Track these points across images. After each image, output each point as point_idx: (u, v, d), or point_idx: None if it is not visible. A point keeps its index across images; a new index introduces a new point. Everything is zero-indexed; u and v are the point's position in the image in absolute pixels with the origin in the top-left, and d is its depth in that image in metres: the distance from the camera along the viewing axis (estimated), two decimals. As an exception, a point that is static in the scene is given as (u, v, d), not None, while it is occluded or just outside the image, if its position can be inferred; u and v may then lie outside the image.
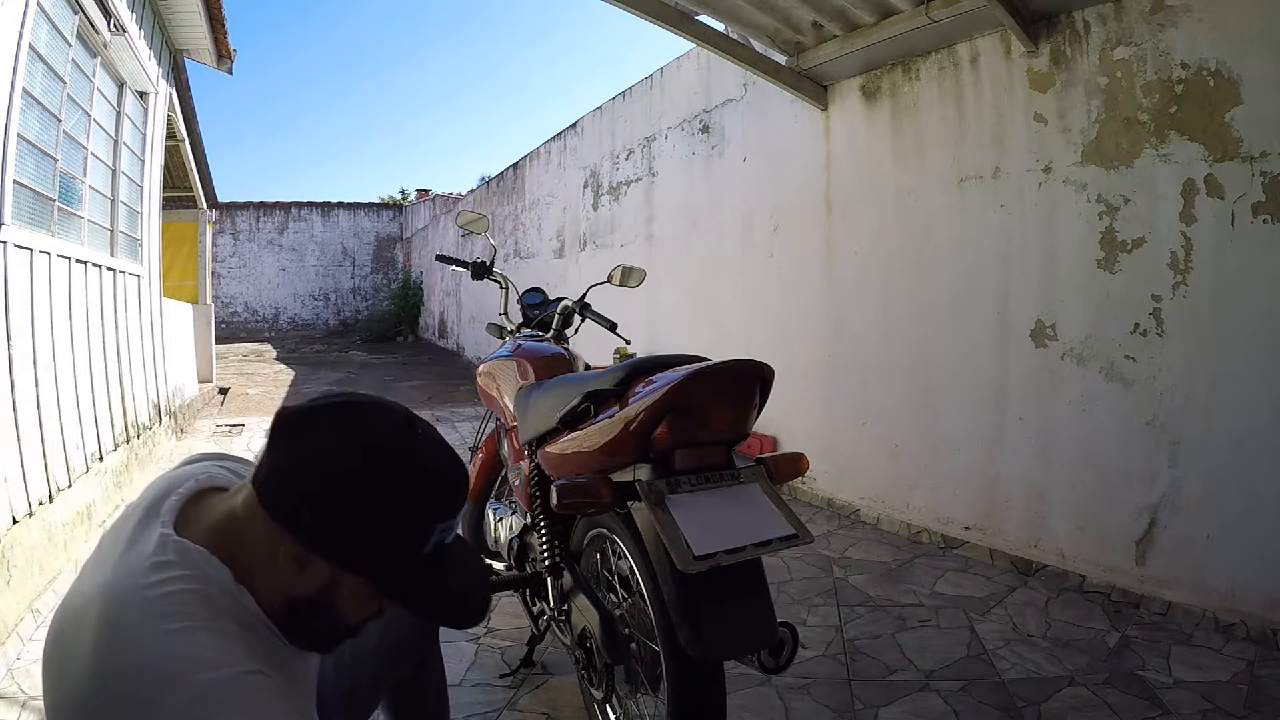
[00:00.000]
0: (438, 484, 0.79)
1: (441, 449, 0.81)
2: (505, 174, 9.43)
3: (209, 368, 7.85)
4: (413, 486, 0.76)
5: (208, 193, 7.86)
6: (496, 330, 2.59)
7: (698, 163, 4.91)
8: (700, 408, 1.34)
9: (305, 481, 0.74)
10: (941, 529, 3.23)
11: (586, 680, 1.65)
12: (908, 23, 3.05)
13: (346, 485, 0.74)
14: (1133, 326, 2.57)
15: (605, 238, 6.30)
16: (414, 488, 0.76)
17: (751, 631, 1.30)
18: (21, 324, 2.65)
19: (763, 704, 1.98)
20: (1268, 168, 2.23)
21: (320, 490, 0.74)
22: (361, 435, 0.76)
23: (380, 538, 0.75)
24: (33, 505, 2.59)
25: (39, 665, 2.04)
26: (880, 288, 3.54)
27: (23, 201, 2.79)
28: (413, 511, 0.76)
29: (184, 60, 5.65)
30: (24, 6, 2.61)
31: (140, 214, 4.76)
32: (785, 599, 2.65)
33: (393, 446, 0.76)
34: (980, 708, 1.94)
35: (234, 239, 18.18)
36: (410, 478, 0.76)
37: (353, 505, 0.74)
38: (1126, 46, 2.56)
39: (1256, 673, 2.07)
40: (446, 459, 0.80)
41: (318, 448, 0.75)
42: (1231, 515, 2.33)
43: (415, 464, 0.77)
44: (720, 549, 1.24)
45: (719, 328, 4.63)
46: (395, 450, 0.76)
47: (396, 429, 0.78)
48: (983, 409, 3.08)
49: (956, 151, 3.17)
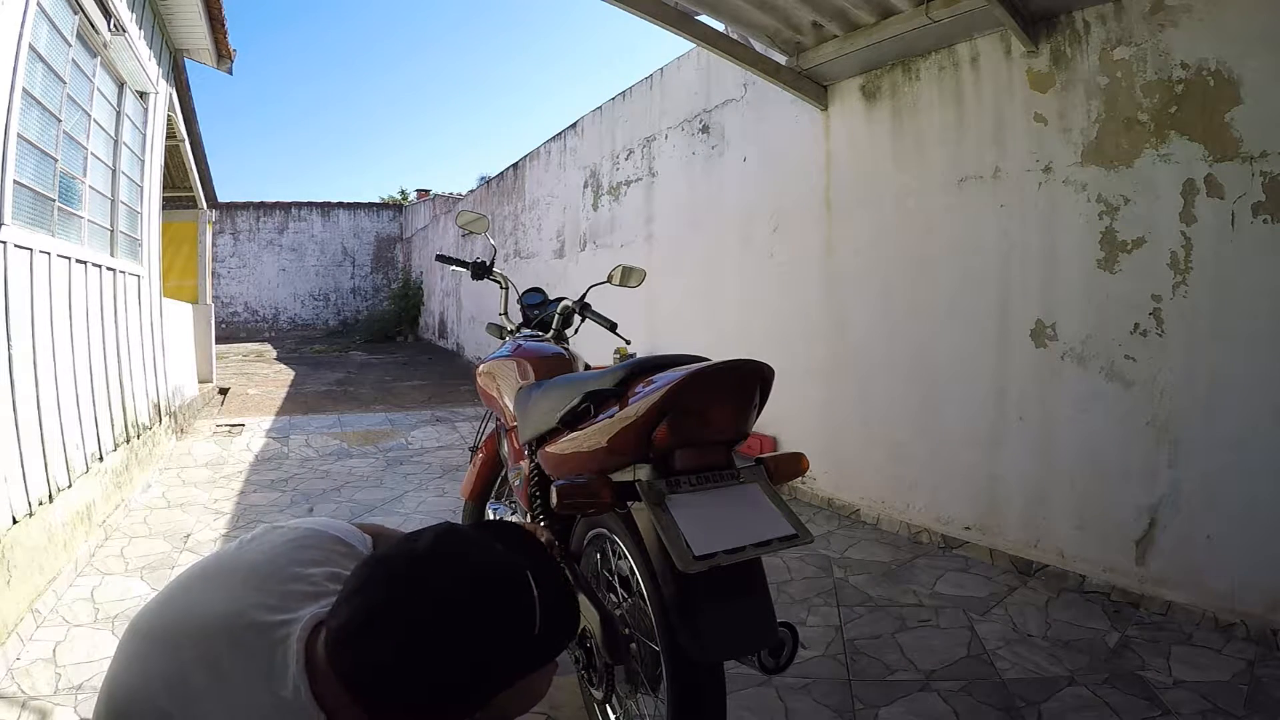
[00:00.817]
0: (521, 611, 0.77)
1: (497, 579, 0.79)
2: (505, 174, 9.43)
3: (209, 368, 7.85)
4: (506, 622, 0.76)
5: (208, 193, 7.86)
6: (496, 330, 2.59)
7: (698, 163, 4.91)
8: (700, 408, 1.34)
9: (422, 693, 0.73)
10: (941, 529, 3.23)
11: (586, 680, 1.65)
12: (908, 23, 3.05)
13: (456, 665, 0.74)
14: (1133, 326, 2.57)
15: (605, 238, 6.30)
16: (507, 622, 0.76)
17: (751, 631, 1.30)
18: (21, 324, 2.65)
19: (763, 704, 1.98)
20: (1268, 168, 2.23)
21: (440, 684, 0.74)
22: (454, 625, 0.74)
23: (507, 667, 0.78)
24: (33, 505, 2.59)
25: (39, 665, 2.04)
26: (880, 288, 3.54)
27: (23, 201, 2.79)
28: (515, 634, 0.77)
29: (184, 60, 5.65)
30: (24, 6, 2.61)
31: (140, 214, 4.76)
32: (785, 599, 2.65)
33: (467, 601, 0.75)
34: (980, 708, 1.95)
35: (234, 239, 18.18)
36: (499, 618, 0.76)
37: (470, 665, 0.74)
38: (1126, 46, 2.56)
39: (1256, 673, 2.07)
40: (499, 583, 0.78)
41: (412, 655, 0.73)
42: (1231, 515, 2.33)
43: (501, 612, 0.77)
44: (720, 549, 1.24)
45: (719, 328, 4.63)
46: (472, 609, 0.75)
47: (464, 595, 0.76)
48: (983, 409, 3.08)
49: (956, 151, 3.17)
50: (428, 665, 0.72)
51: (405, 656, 0.72)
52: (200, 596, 0.85)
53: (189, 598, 0.85)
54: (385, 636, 0.72)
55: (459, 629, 0.73)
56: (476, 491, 2.40)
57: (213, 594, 0.84)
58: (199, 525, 3.53)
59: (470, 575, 0.77)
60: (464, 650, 0.74)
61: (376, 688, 0.73)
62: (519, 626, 0.77)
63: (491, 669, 0.76)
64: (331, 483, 4.35)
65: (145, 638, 0.82)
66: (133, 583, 2.80)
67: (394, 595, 0.74)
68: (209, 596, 0.84)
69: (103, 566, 2.96)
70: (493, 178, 10.21)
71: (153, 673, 0.78)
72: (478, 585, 0.76)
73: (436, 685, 0.73)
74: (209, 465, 4.77)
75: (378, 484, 4.33)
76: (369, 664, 0.73)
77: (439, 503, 3.96)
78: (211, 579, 0.87)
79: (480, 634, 0.74)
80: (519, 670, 0.80)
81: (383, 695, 0.73)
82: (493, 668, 0.76)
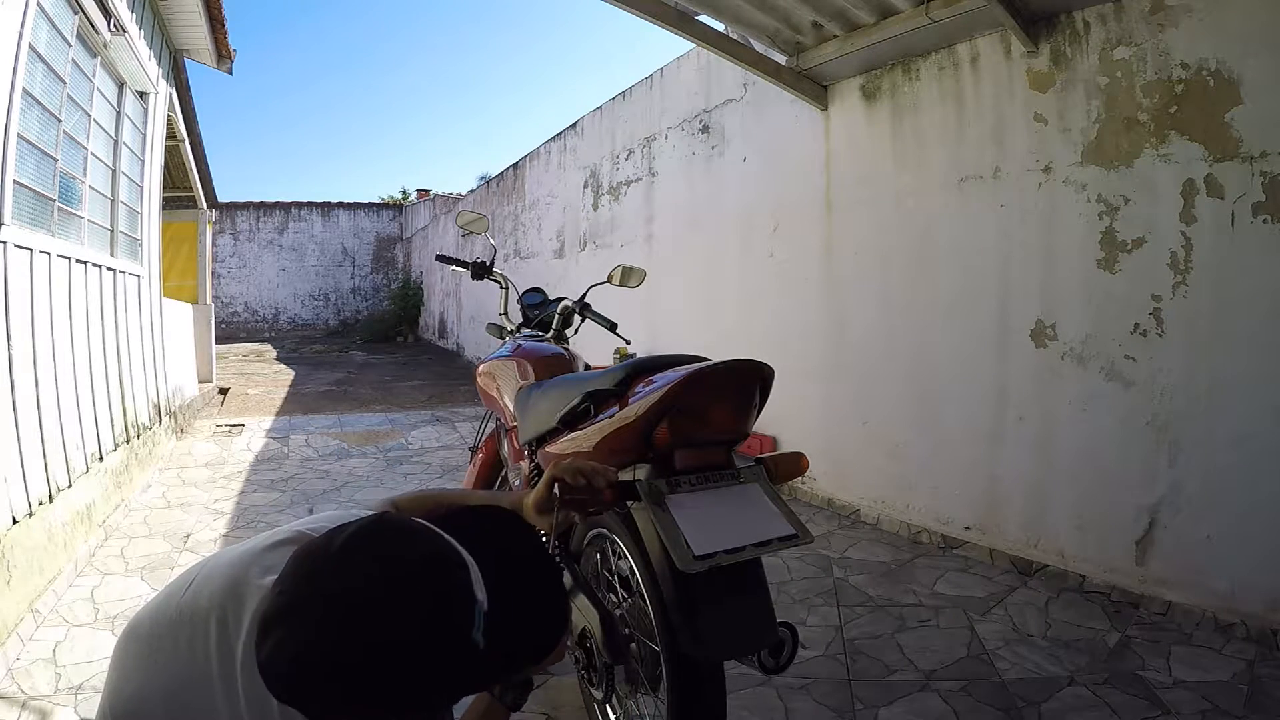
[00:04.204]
0: (443, 618, 0.69)
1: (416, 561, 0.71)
2: (505, 174, 9.43)
3: (209, 368, 7.85)
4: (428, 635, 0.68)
5: (208, 193, 7.86)
6: (496, 330, 2.59)
7: (698, 163, 4.91)
8: (700, 408, 1.34)
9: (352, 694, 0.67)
10: (941, 529, 3.22)
11: (586, 680, 1.65)
12: (908, 23, 3.05)
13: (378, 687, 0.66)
14: (1133, 326, 2.57)
15: (605, 238, 6.30)
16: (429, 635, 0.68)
17: (751, 631, 1.30)
18: (21, 324, 2.65)
19: (763, 704, 1.98)
20: (1268, 168, 2.23)
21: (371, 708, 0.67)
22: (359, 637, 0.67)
23: (442, 685, 0.71)
24: (33, 505, 2.59)
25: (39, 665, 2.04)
26: (880, 287, 3.54)
27: (23, 201, 2.79)
28: (446, 648, 0.69)
29: (184, 60, 5.65)
30: (24, 6, 2.61)
31: (140, 214, 4.76)
32: (785, 599, 2.65)
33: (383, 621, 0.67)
34: (980, 708, 1.94)
35: (234, 239, 18.18)
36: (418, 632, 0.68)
37: (402, 690, 0.67)
38: (1126, 46, 2.56)
39: (1256, 673, 2.07)
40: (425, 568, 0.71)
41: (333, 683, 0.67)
42: (1231, 515, 2.33)
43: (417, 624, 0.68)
44: (720, 549, 1.24)
45: (719, 328, 4.62)
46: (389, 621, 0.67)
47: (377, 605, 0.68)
48: (983, 409, 3.08)
49: (956, 151, 3.17)
50: (331, 671, 0.66)
51: (306, 659, 0.66)
52: (195, 588, 0.84)
53: (183, 594, 0.85)
54: (289, 634, 0.67)
55: (368, 634, 0.66)
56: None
57: (202, 586, 0.84)
58: (199, 525, 3.53)
59: (388, 575, 0.69)
60: (375, 659, 0.66)
61: (279, 686, 0.68)
62: (448, 635, 0.69)
63: (416, 681, 0.67)
64: (331, 483, 4.35)
65: (140, 639, 0.82)
66: (133, 583, 2.80)
67: (301, 592, 0.68)
68: (200, 588, 0.84)
69: (103, 566, 2.96)
70: (493, 178, 10.21)
71: (149, 675, 0.77)
72: (395, 586, 0.68)
73: (346, 694, 0.66)
74: (209, 465, 4.77)
75: (378, 484, 4.33)
76: (273, 660, 0.67)
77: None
78: (205, 575, 0.87)
79: (396, 641, 0.66)
80: (457, 684, 0.72)
81: (286, 696, 0.68)
82: (418, 679, 0.68)
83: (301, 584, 0.69)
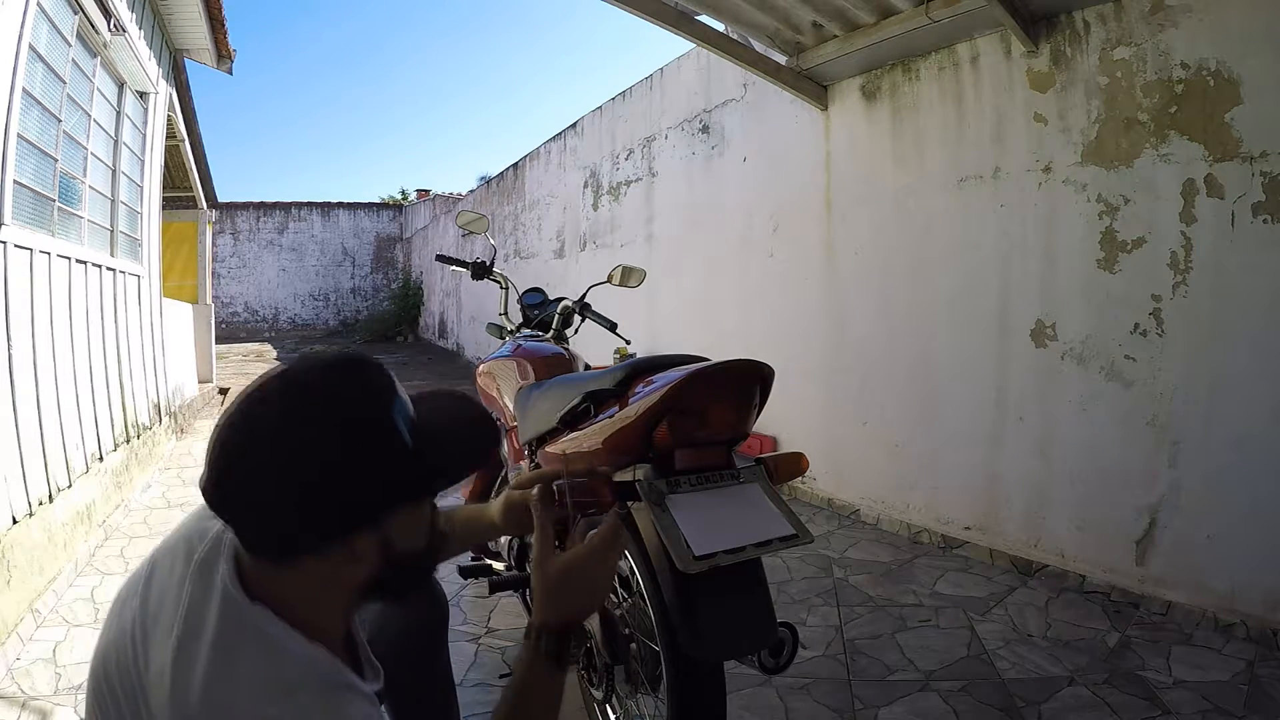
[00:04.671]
0: (356, 401, 0.72)
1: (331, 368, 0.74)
2: (505, 174, 9.43)
3: (209, 368, 7.85)
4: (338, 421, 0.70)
5: (208, 193, 7.86)
6: (496, 330, 2.59)
7: (698, 163, 4.91)
8: (700, 408, 1.34)
9: (268, 513, 0.69)
10: (941, 529, 3.22)
11: (586, 680, 1.65)
12: (908, 23, 3.05)
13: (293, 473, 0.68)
14: (1133, 326, 2.57)
15: (605, 238, 6.30)
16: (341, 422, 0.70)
17: (751, 631, 1.30)
18: (21, 324, 2.65)
19: (763, 704, 1.98)
20: (1268, 168, 2.23)
21: (284, 502, 0.68)
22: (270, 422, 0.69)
23: (365, 480, 0.70)
24: (33, 505, 2.59)
25: (39, 665, 2.03)
26: (880, 288, 3.54)
27: (23, 201, 2.79)
28: (362, 436, 0.70)
29: (184, 60, 5.65)
30: (24, 6, 2.61)
31: (140, 214, 4.76)
32: (785, 599, 2.65)
33: (296, 407, 0.70)
34: (980, 708, 1.94)
35: (234, 239, 18.18)
36: (327, 416, 0.70)
37: (319, 483, 0.69)
38: (1126, 46, 2.56)
39: (1256, 673, 2.07)
40: (340, 370, 0.74)
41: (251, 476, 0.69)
42: (1231, 515, 2.33)
43: (321, 404, 0.71)
44: (720, 549, 1.24)
45: (719, 328, 4.62)
46: (299, 408, 0.70)
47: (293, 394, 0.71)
48: (983, 409, 3.08)
49: (956, 151, 3.17)
50: (257, 466, 0.68)
51: (235, 457, 0.68)
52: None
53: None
54: (222, 444, 0.69)
55: (292, 425, 0.68)
56: (477, 491, 2.40)
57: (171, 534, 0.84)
58: (199, 525, 3.52)
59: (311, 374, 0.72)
60: (300, 447, 0.68)
61: (214, 496, 0.69)
62: (371, 423, 0.71)
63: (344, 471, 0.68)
64: (331, 483, 4.34)
65: (121, 600, 0.82)
66: (133, 583, 2.80)
67: (237, 406, 0.71)
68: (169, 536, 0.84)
69: (103, 566, 2.95)
70: (493, 178, 10.21)
71: (123, 617, 0.77)
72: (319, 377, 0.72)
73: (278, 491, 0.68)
74: (209, 465, 4.76)
75: (378, 484, 4.33)
76: (210, 471, 0.69)
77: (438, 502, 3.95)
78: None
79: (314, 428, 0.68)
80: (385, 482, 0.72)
81: (219, 506, 0.70)
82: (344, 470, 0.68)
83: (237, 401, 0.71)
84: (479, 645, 2.33)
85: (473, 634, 2.39)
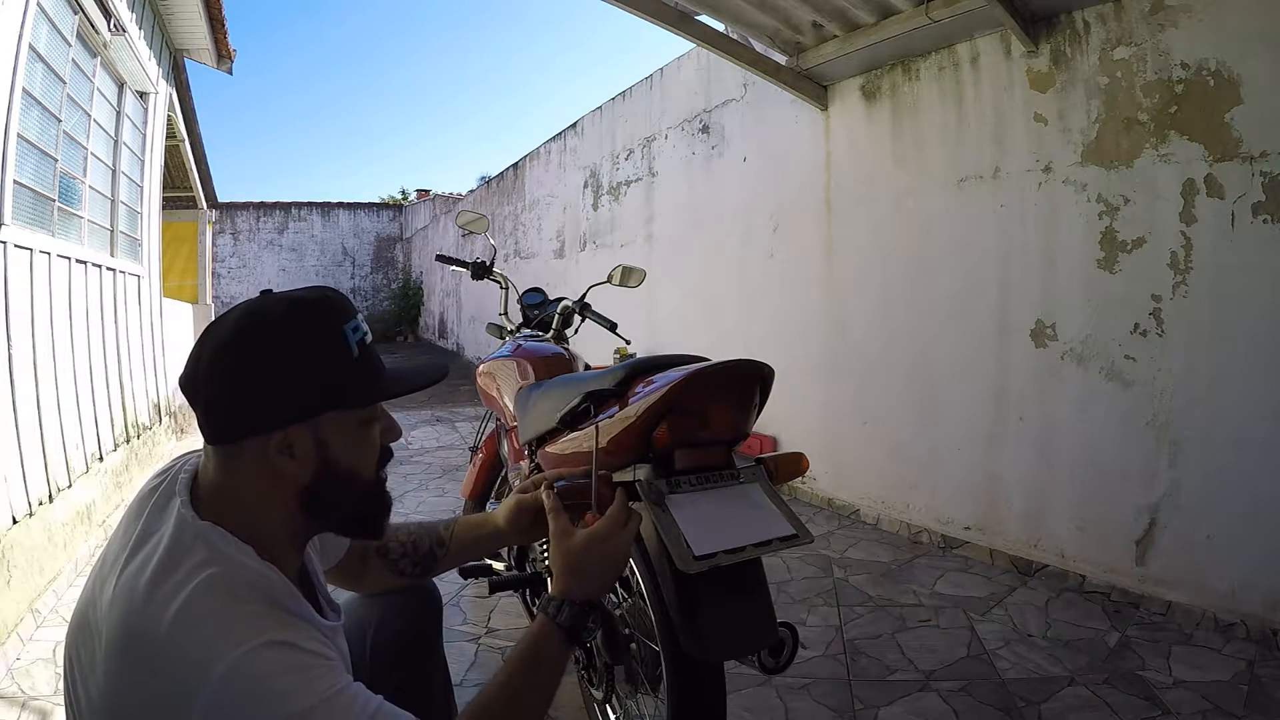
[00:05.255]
0: (312, 302, 0.81)
1: (304, 290, 0.83)
2: (505, 174, 9.43)
3: (209, 368, 7.83)
4: (293, 317, 0.79)
5: (208, 193, 7.86)
6: (496, 330, 2.59)
7: (698, 163, 4.91)
8: (700, 408, 1.34)
9: (234, 385, 0.77)
10: (941, 529, 3.22)
11: (586, 680, 1.65)
12: (908, 23, 3.05)
13: (258, 358, 0.77)
14: (1133, 326, 2.57)
15: (605, 238, 6.30)
16: (295, 317, 0.79)
17: (751, 631, 1.30)
18: (21, 324, 2.65)
19: (763, 704, 1.98)
20: (1268, 168, 2.23)
21: (248, 380, 0.76)
22: (237, 323, 0.79)
23: (313, 370, 0.78)
24: (33, 505, 2.59)
25: (39, 665, 2.03)
26: (880, 288, 3.54)
27: (23, 201, 2.79)
28: (311, 332, 0.79)
29: (184, 60, 5.65)
30: (24, 6, 2.61)
31: (140, 214, 4.76)
32: (785, 599, 2.65)
33: (259, 305, 0.80)
34: (980, 708, 1.94)
35: (234, 239, 18.16)
36: (285, 312, 0.79)
37: (277, 365, 0.77)
38: (1126, 46, 2.56)
39: (1256, 673, 2.07)
40: (310, 290, 0.83)
41: (220, 356, 0.77)
42: (1231, 515, 2.33)
43: (283, 302, 0.80)
44: (720, 549, 1.24)
45: (719, 328, 4.62)
46: (261, 306, 0.80)
47: (259, 300, 0.81)
48: (983, 409, 3.08)
49: (956, 151, 3.17)
50: (215, 357, 0.77)
51: (203, 353, 0.78)
52: None
53: None
54: (198, 341, 0.80)
55: (261, 326, 0.78)
56: (477, 491, 2.40)
57: None
58: (199, 525, 3.52)
59: (291, 291, 0.82)
60: (254, 349, 0.77)
61: (185, 382, 0.79)
62: (326, 337, 0.79)
63: (295, 367, 0.77)
64: (331, 483, 4.34)
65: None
66: (133, 583, 2.80)
67: (219, 316, 0.82)
68: None
69: (103, 566, 2.95)
70: (493, 178, 10.21)
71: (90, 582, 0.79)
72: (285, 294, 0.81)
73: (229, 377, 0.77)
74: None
75: (378, 484, 4.32)
76: (185, 364, 0.80)
77: (439, 502, 3.96)
78: None
79: (275, 332, 0.77)
80: (318, 384, 0.79)
81: (188, 392, 0.78)
82: (295, 367, 0.77)
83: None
84: (479, 645, 2.33)
85: (473, 634, 2.39)
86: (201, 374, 0.77)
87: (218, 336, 0.78)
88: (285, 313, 0.79)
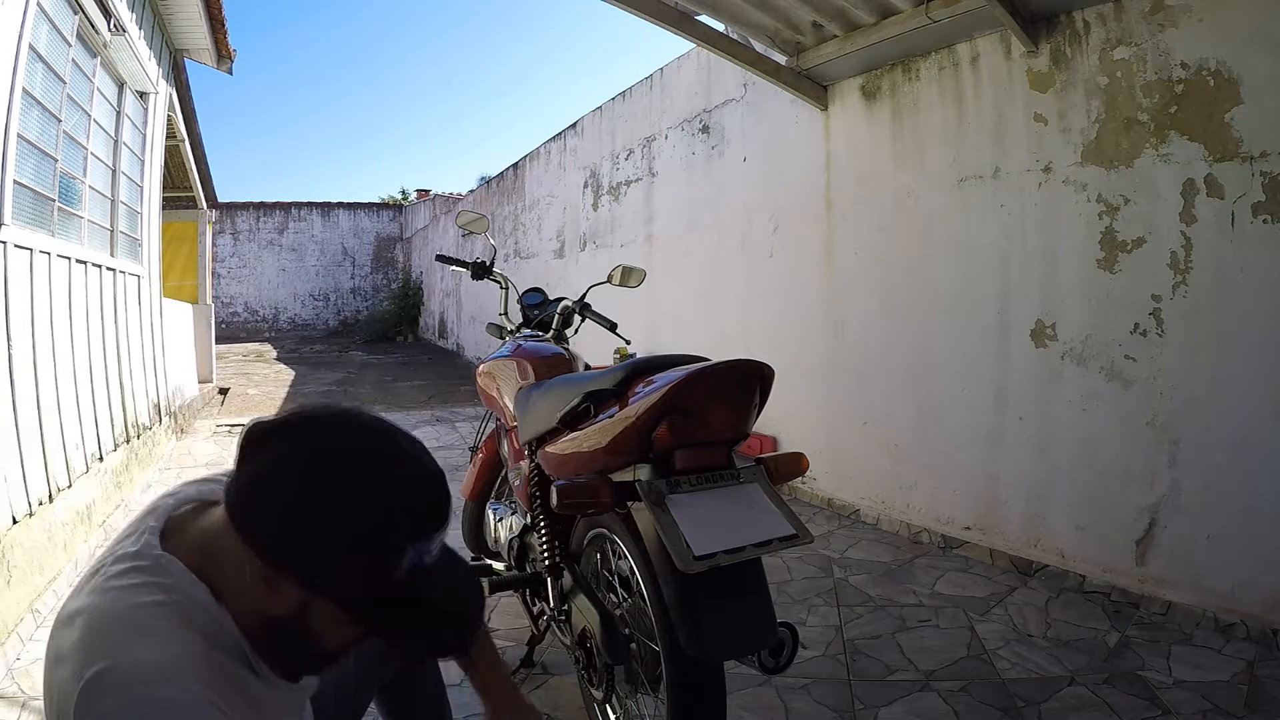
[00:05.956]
0: (406, 499, 0.73)
1: (418, 463, 0.76)
2: (505, 174, 9.43)
3: (209, 368, 7.85)
4: (376, 503, 0.71)
5: (208, 193, 7.86)
6: (496, 330, 2.59)
7: (698, 163, 4.91)
8: (700, 408, 1.34)
9: (267, 500, 0.71)
10: (941, 529, 3.22)
11: (586, 680, 1.65)
12: (908, 23, 3.05)
13: (305, 504, 0.70)
14: (1133, 326, 2.57)
15: (605, 238, 6.30)
16: (378, 504, 0.71)
17: (751, 631, 1.30)
18: (21, 324, 2.65)
19: (763, 704, 1.98)
20: (1268, 168, 2.23)
21: (280, 509, 0.70)
22: (326, 450, 0.72)
23: (343, 559, 0.70)
24: (33, 505, 2.59)
25: (39, 666, 2.04)
26: (880, 288, 3.54)
27: (23, 201, 2.78)
28: (377, 531, 0.71)
29: (184, 60, 5.65)
30: (24, 6, 2.61)
31: (140, 214, 4.76)
32: (785, 599, 2.65)
33: (357, 462, 0.72)
34: (980, 708, 1.94)
35: (234, 239, 18.18)
36: (374, 493, 0.71)
37: (313, 525, 0.69)
38: (1126, 46, 2.56)
39: (1256, 673, 2.07)
40: (421, 473, 0.76)
41: (282, 465, 0.72)
42: (1231, 515, 2.33)
43: (380, 479, 0.72)
44: (720, 549, 1.24)
45: (719, 328, 4.63)
46: (359, 466, 0.72)
47: (366, 443, 0.74)
48: (983, 409, 3.08)
49: (956, 151, 3.17)
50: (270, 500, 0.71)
51: (259, 481, 0.72)
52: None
53: None
54: (254, 463, 0.73)
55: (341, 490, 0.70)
56: (476, 491, 2.40)
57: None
58: (199, 525, 3.52)
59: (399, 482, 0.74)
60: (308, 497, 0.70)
61: (234, 509, 0.73)
62: (387, 544, 0.71)
63: (334, 549, 0.70)
64: (331, 483, 4.34)
65: None
66: (133, 583, 2.80)
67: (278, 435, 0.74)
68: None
69: (103, 566, 2.95)
70: (493, 178, 10.21)
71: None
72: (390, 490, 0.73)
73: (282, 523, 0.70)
74: (209, 465, 4.76)
75: (378, 484, 4.32)
76: (237, 483, 0.74)
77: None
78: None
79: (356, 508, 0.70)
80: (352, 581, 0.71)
81: (238, 519, 0.72)
82: (335, 549, 0.70)
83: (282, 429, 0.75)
84: (479, 645, 2.32)
85: (473, 634, 2.39)
86: (256, 471, 0.73)
87: (292, 455, 0.72)
88: (360, 485, 0.71)
